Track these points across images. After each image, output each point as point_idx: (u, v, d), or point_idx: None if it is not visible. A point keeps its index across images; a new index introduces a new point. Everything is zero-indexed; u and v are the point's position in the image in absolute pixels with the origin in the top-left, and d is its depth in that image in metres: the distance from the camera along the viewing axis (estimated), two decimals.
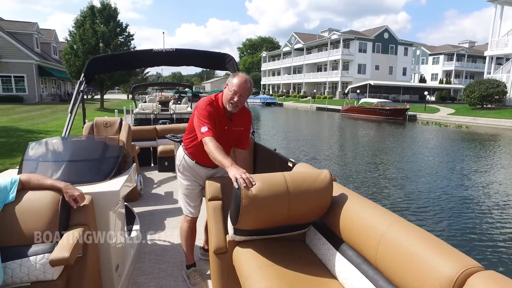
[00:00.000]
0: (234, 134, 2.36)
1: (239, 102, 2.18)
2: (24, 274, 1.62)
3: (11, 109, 20.90)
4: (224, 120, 2.28)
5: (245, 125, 2.41)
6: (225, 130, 2.28)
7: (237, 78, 2.18)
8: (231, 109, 2.21)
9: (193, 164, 2.41)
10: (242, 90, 2.16)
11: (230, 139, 2.36)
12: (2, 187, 1.74)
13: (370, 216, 1.66)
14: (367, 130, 20.53)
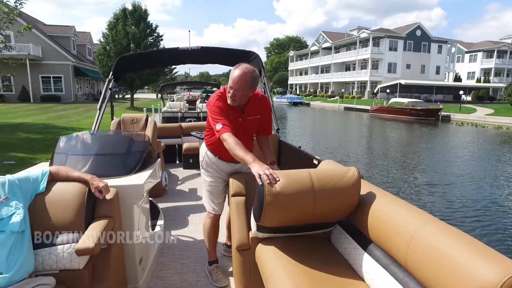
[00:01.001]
0: (251, 124, 2.29)
1: (234, 97, 2.09)
2: (53, 262, 1.66)
3: (50, 107, 22.10)
4: (236, 112, 2.21)
5: (261, 112, 2.31)
6: (239, 123, 2.22)
7: (236, 70, 2.07)
8: (230, 103, 2.14)
9: (216, 160, 2.38)
10: (236, 85, 2.06)
11: (247, 130, 2.29)
12: (34, 178, 1.80)
13: (399, 214, 1.56)
14: (397, 130, 19.82)
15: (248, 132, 2.32)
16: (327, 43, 53.86)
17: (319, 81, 56.26)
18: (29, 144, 9.09)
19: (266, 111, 2.34)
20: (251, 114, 2.26)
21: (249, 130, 2.32)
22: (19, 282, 1.47)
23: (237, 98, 2.11)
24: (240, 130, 2.21)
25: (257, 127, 2.35)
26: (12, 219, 1.56)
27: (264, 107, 2.33)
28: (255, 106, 2.27)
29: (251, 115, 2.26)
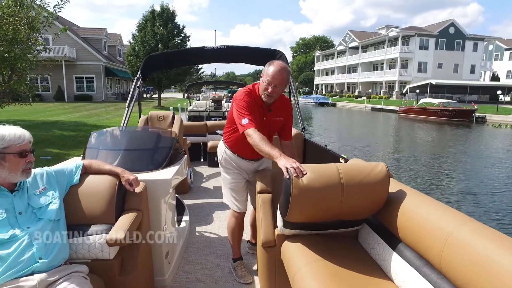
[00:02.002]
0: (274, 125, 2.28)
1: (274, 93, 2.08)
2: (85, 251, 1.72)
3: (82, 106, 23.11)
4: (263, 111, 2.20)
5: (284, 114, 2.30)
6: (264, 121, 2.21)
7: (272, 66, 2.07)
8: (266, 100, 2.14)
9: (234, 157, 2.35)
10: (277, 81, 2.05)
11: (270, 130, 2.28)
12: (69, 171, 1.88)
13: (433, 214, 1.48)
14: (428, 132, 19.08)
15: (270, 133, 2.30)
16: (354, 43, 52.77)
17: (345, 81, 55.24)
18: (63, 141, 9.54)
19: (288, 114, 2.35)
20: (276, 115, 2.26)
21: (272, 130, 2.31)
22: (56, 268, 1.53)
23: (276, 94, 2.11)
24: (263, 129, 2.18)
25: (279, 128, 2.34)
26: (49, 208, 1.63)
27: (288, 110, 2.34)
28: (281, 107, 2.28)
29: (276, 116, 2.26)
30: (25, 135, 1.57)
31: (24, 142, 1.55)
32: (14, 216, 1.52)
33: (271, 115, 2.23)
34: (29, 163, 1.57)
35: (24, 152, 1.55)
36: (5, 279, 1.38)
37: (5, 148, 1.50)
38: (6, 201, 1.53)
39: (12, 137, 1.52)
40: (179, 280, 2.43)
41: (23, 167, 1.54)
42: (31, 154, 1.59)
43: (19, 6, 7.30)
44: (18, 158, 1.52)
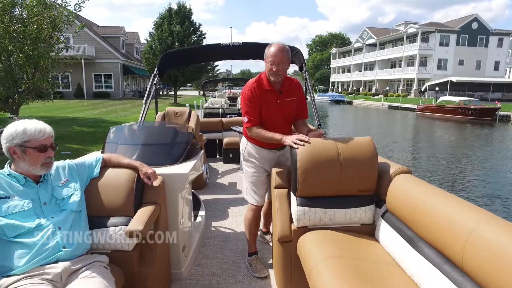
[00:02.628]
0: (289, 106, 2.33)
1: (279, 71, 2.17)
2: (105, 242, 1.76)
3: (100, 103, 23.64)
4: (274, 94, 2.27)
5: (296, 93, 2.37)
6: (279, 104, 2.28)
7: (271, 48, 2.17)
8: (274, 79, 2.21)
9: (257, 149, 2.41)
10: (278, 58, 2.15)
11: (286, 113, 2.34)
12: (89, 164, 1.93)
13: (454, 211, 1.44)
14: (448, 130, 18.58)
15: (287, 114, 2.36)
16: (372, 39, 51.83)
17: (362, 79, 54.36)
18: (82, 137, 9.81)
19: (300, 93, 2.42)
20: (289, 95, 2.32)
21: (288, 113, 2.35)
22: (79, 257, 1.58)
23: (282, 71, 2.19)
24: (279, 113, 2.30)
25: (295, 109, 2.38)
26: (71, 199, 1.68)
27: (299, 89, 2.41)
28: (290, 88, 2.34)
29: (288, 96, 2.32)
30: (45, 129, 1.60)
31: (44, 137, 1.58)
32: (40, 206, 1.58)
33: (283, 96, 2.30)
34: (49, 157, 1.60)
35: (44, 147, 1.58)
36: (33, 266, 1.43)
37: (26, 142, 1.55)
38: (32, 192, 1.59)
39: (33, 131, 1.56)
40: (195, 273, 2.47)
41: (43, 161, 1.58)
42: (50, 149, 1.61)
43: (43, 5, 7.54)
44: (37, 152, 1.56)
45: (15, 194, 1.54)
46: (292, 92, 2.35)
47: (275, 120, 2.33)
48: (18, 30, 7.23)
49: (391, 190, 1.91)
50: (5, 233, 1.45)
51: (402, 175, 1.94)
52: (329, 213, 2.03)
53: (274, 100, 2.28)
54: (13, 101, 7.61)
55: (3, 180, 1.56)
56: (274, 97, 2.27)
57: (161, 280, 2.06)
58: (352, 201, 2.04)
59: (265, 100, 2.27)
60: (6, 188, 1.54)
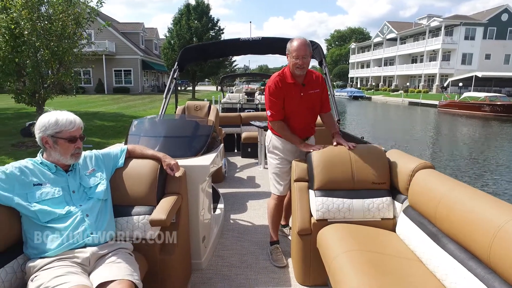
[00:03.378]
0: (313, 98, 2.41)
1: (304, 64, 2.26)
2: (129, 230, 1.82)
3: (120, 98, 24.16)
4: (297, 87, 2.35)
5: (319, 86, 2.45)
6: (302, 97, 2.37)
7: (294, 42, 2.26)
8: (299, 72, 2.29)
9: (282, 141, 2.48)
10: (302, 52, 2.24)
11: (310, 105, 2.42)
12: (114, 154, 1.99)
13: (481, 206, 1.41)
14: (473, 127, 17.93)
15: (312, 106, 2.44)
16: (392, 34, 50.55)
17: (382, 74, 53.19)
18: (103, 131, 10.08)
19: (323, 85, 2.48)
20: (312, 88, 2.40)
21: (312, 105, 2.44)
22: (105, 243, 1.64)
23: (306, 64, 2.28)
24: (303, 105, 2.38)
25: (318, 102, 2.46)
26: (98, 188, 1.74)
27: (321, 82, 2.47)
28: (313, 80, 2.43)
29: (311, 89, 2.40)
30: (76, 121, 1.67)
31: (74, 128, 1.65)
32: (69, 194, 1.64)
33: (306, 89, 2.37)
34: (77, 148, 1.67)
35: (74, 138, 1.65)
36: (64, 249, 1.50)
37: (57, 133, 1.62)
38: (62, 180, 1.66)
39: (64, 122, 1.62)
40: (214, 264, 2.51)
41: (72, 151, 1.65)
42: (79, 140, 1.68)
43: (67, 3, 7.77)
44: (67, 143, 1.63)
45: (47, 181, 1.62)
46: (315, 84, 2.41)
47: (300, 113, 2.41)
48: (44, 27, 7.48)
49: (413, 185, 1.89)
50: (39, 218, 1.52)
51: (425, 170, 1.92)
52: (347, 202, 2.05)
53: (298, 93, 2.35)
54: (39, 95, 7.89)
55: (37, 168, 1.63)
56: (297, 90, 2.35)
57: (182, 269, 2.11)
58: (368, 193, 2.12)
59: (289, 93, 2.34)
60: (39, 176, 1.61)
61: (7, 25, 6.96)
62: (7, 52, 7.06)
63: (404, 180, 2.00)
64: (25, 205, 1.52)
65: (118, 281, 1.40)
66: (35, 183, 1.59)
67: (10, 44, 7.11)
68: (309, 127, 2.53)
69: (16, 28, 7.04)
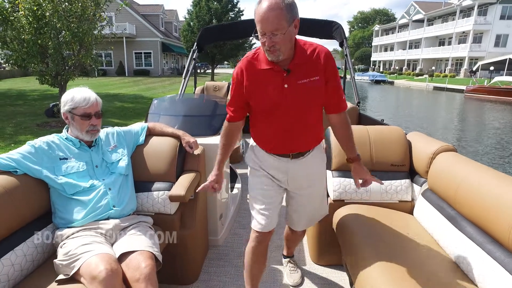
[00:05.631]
0: (305, 92, 1.47)
1: (275, 44, 1.34)
2: (150, 205, 1.88)
3: (140, 81, 24.50)
4: (278, 76, 1.46)
5: (319, 69, 1.46)
6: (285, 91, 1.46)
7: (257, 8, 1.34)
8: (272, 58, 1.40)
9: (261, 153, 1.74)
10: (269, 24, 1.30)
11: (301, 104, 1.49)
12: (135, 132, 2.04)
13: (501, 188, 1.37)
14: (503, 113, 17.10)
15: (303, 106, 1.50)
16: (419, 15, 48.24)
17: (406, 58, 51.21)
18: (122, 112, 10.30)
19: (328, 67, 1.47)
20: (303, 75, 1.46)
21: (304, 103, 1.50)
22: (126, 216, 1.70)
23: (279, 45, 1.34)
24: (288, 105, 1.48)
25: (317, 96, 1.50)
26: (120, 163, 1.80)
27: (323, 64, 1.47)
28: (308, 61, 1.46)
29: (302, 77, 1.46)
30: (90, 98, 1.69)
31: (88, 105, 1.67)
32: (92, 169, 1.71)
33: (293, 78, 1.45)
34: (92, 125, 1.70)
35: (88, 115, 1.68)
36: (88, 220, 1.58)
37: (73, 109, 1.67)
38: (86, 155, 1.72)
39: (78, 99, 1.66)
40: (231, 241, 2.57)
41: (87, 128, 1.69)
42: (95, 117, 1.70)
43: None
44: (81, 120, 1.67)
45: (72, 156, 1.68)
46: (312, 66, 1.46)
47: (283, 117, 1.51)
48: (65, 9, 7.61)
49: (434, 168, 1.85)
50: (65, 190, 1.59)
51: (446, 153, 1.87)
52: None
53: (278, 84, 1.46)
54: (61, 77, 8.10)
55: (62, 143, 1.70)
56: (278, 79, 1.46)
57: (200, 244, 2.17)
58: (387, 175, 2.09)
59: (262, 84, 1.48)
60: (64, 150, 1.68)
61: (30, 6, 7.12)
62: (30, 34, 7.25)
63: (424, 162, 1.95)
64: (52, 177, 1.59)
65: (139, 251, 1.46)
66: (61, 157, 1.65)
67: (33, 26, 7.29)
68: (301, 137, 1.58)
69: (38, 10, 7.19)
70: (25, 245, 1.46)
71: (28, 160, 1.57)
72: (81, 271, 1.33)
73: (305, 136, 1.59)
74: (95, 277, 1.27)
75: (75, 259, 1.38)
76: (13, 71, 23.56)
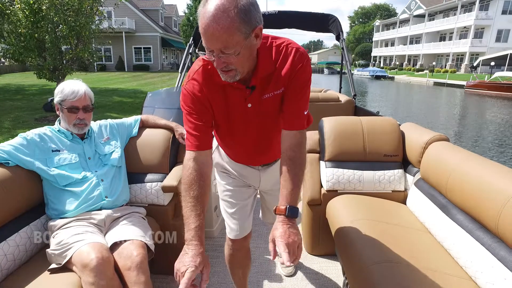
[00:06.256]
0: (272, 106, 1.21)
1: (225, 65, 1.03)
2: (143, 196, 1.89)
3: (139, 75, 24.45)
4: (239, 94, 1.18)
5: (286, 78, 1.15)
6: (249, 110, 1.21)
7: (200, 15, 0.97)
8: (226, 79, 1.08)
9: (228, 161, 1.57)
10: (211, 42, 0.97)
11: (266, 119, 1.25)
12: (128, 124, 2.05)
13: (491, 176, 1.39)
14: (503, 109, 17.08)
15: (269, 122, 1.27)
16: (420, 10, 47.95)
17: (406, 53, 51.04)
18: (121, 107, 10.29)
19: (297, 75, 1.15)
20: (268, 88, 1.17)
21: (269, 119, 1.26)
22: (119, 207, 1.72)
23: (234, 64, 1.03)
24: (252, 125, 1.26)
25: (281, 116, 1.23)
26: (112, 155, 1.81)
27: (291, 69, 1.15)
28: (274, 71, 1.15)
29: (267, 90, 1.18)
30: (78, 91, 1.67)
31: (75, 99, 1.66)
32: (85, 161, 1.71)
33: (256, 94, 1.18)
34: (79, 119, 1.69)
35: (75, 108, 1.67)
36: (81, 211, 1.59)
37: (62, 101, 1.67)
38: (78, 147, 1.72)
39: (66, 92, 1.66)
40: (225, 232, 2.58)
41: (74, 122, 1.69)
42: (82, 111, 1.68)
43: None
44: (68, 113, 1.67)
45: (64, 148, 1.69)
46: (277, 78, 1.16)
47: (247, 136, 1.31)
48: (62, 2, 7.58)
49: (426, 157, 1.87)
50: (58, 182, 1.60)
51: (439, 142, 1.89)
52: (358, 174, 2.06)
53: (240, 103, 1.20)
54: (59, 71, 8.09)
55: (54, 135, 1.71)
56: (238, 98, 1.19)
57: None
58: (380, 165, 2.11)
59: (221, 104, 1.20)
60: (56, 143, 1.68)
61: (26, 0, 7.09)
62: (27, 28, 7.23)
63: (417, 152, 1.97)
64: (45, 169, 1.60)
65: (131, 241, 1.47)
66: (53, 149, 1.66)
67: (30, 19, 7.27)
68: (269, 151, 1.42)
69: (35, 3, 7.16)
70: (17, 235, 1.47)
71: (20, 152, 1.57)
72: (73, 260, 1.35)
73: (273, 150, 1.41)
74: (86, 265, 1.29)
75: (67, 248, 1.39)
76: (12, 66, 23.57)
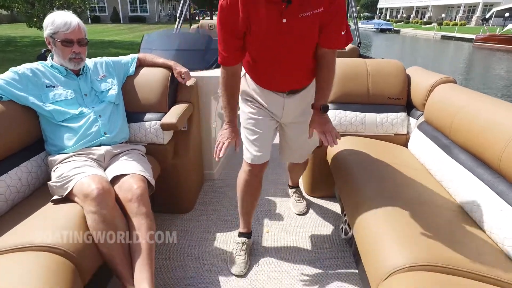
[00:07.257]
0: (307, 27, 1.25)
1: None
2: (142, 135, 1.88)
3: (136, 27, 23.55)
4: (275, 7, 1.21)
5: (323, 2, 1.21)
6: (283, 26, 1.23)
7: None
8: None
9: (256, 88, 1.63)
10: None
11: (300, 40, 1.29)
12: (125, 62, 1.98)
13: (498, 114, 1.35)
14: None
15: (302, 43, 1.32)
16: None
17: (414, 5, 48.54)
18: None
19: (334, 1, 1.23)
20: (305, 7, 1.21)
21: (304, 40, 1.30)
22: (118, 144, 1.71)
23: None
24: (285, 42, 1.29)
25: (315, 31, 1.29)
26: (109, 92, 1.76)
27: None
28: None
29: (305, 9, 1.21)
30: (71, 23, 1.56)
31: (69, 30, 1.56)
32: (81, 97, 1.67)
33: (293, 10, 1.21)
34: (75, 53, 1.60)
35: (70, 41, 1.57)
36: (80, 147, 1.58)
37: (54, 34, 1.56)
38: (73, 83, 1.67)
39: (58, 23, 1.55)
40: (226, 174, 2.63)
41: (69, 56, 1.60)
42: (77, 44, 1.59)
43: None
44: (63, 46, 1.57)
45: (59, 84, 1.63)
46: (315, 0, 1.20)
47: (279, 54, 1.34)
48: None
49: (431, 100, 1.83)
50: (54, 117, 1.57)
51: (446, 84, 1.83)
52: (360, 116, 2.04)
53: (275, 17, 1.22)
54: None
55: (48, 71, 1.64)
56: (274, 12, 1.21)
57: (195, 175, 2.22)
58: (383, 108, 2.08)
59: (257, 15, 1.23)
60: (50, 78, 1.62)
61: None
62: None
63: (422, 95, 1.93)
64: (40, 105, 1.56)
65: (131, 174, 1.48)
66: (48, 85, 1.60)
67: None
68: (298, 75, 1.47)
69: None
70: (18, 169, 1.47)
71: (12, 87, 1.52)
72: (74, 191, 1.36)
73: (302, 74, 1.45)
74: (87, 195, 1.30)
75: (68, 180, 1.40)
76: (0, 16, 22.55)
